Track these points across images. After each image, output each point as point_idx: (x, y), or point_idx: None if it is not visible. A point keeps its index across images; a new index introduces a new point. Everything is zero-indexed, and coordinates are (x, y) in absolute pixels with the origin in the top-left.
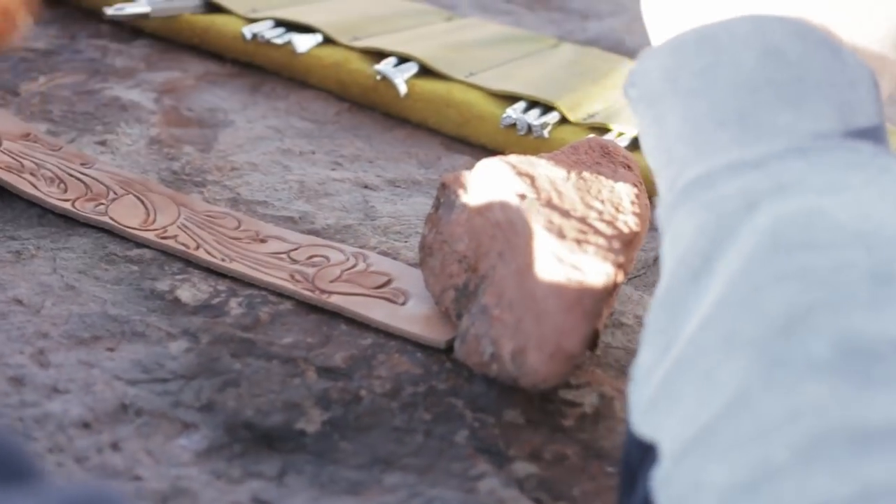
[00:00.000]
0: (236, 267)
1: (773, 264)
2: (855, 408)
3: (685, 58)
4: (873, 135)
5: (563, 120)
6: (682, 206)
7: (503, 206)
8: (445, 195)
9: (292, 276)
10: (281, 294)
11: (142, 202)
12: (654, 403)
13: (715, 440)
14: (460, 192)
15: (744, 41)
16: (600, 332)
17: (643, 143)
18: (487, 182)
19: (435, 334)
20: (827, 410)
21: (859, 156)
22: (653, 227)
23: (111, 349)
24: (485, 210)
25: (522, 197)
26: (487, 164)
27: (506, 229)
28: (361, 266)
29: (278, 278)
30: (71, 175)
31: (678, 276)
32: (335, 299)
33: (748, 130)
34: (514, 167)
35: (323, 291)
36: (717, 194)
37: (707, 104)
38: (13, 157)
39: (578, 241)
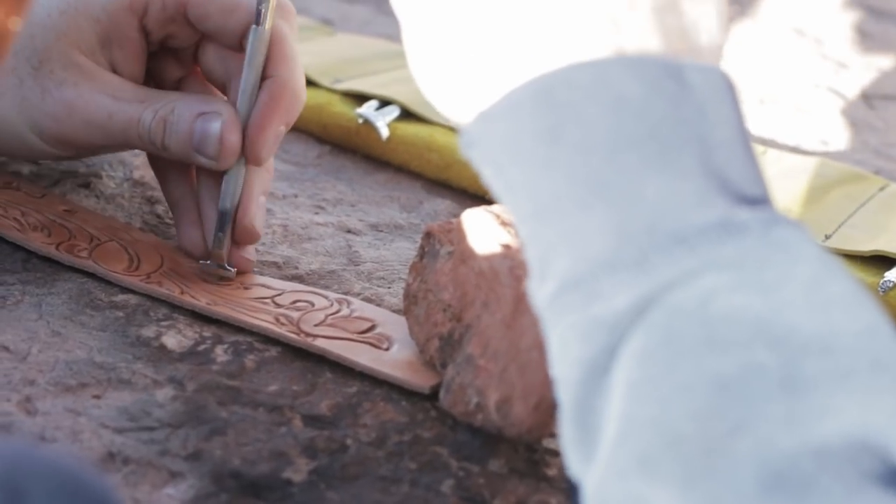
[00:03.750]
0: (222, 310)
1: (673, 373)
2: None
3: (523, 120)
4: (740, 176)
5: None
6: (562, 316)
7: (488, 256)
8: (430, 244)
9: (277, 320)
10: (266, 340)
11: (125, 249)
12: None
13: None
14: (445, 241)
15: (584, 94)
16: None
17: (501, 201)
18: (472, 231)
19: (419, 379)
20: None
21: (748, 238)
22: None
23: (98, 396)
24: (469, 259)
25: (507, 247)
26: (472, 214)
27: (490, 279)
28: (345, 311)
29: (263, 321)
30: (55, 222)
31: (577, 390)
32: (320, 342)
33: (618, 212)
34: (497, 217)
35: (308, 335)
36: (602, 308)
37: (561, 177)
38: None
39: None
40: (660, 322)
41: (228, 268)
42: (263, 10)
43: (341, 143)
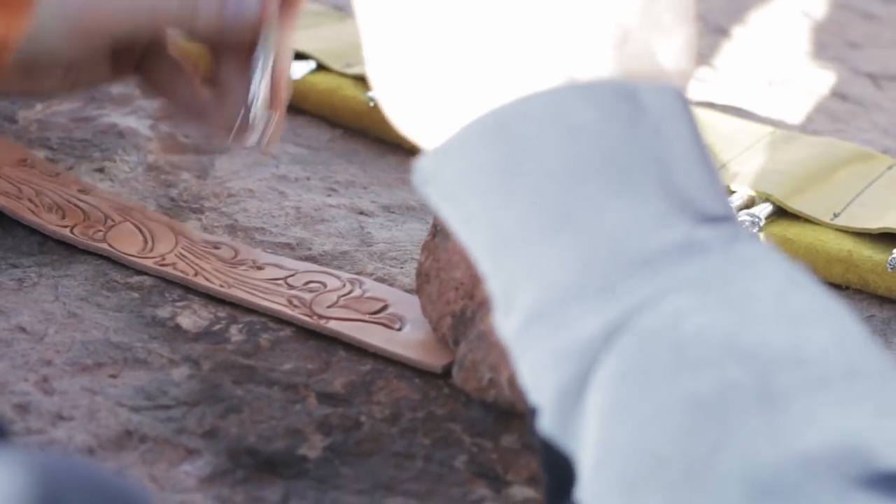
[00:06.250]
0: (235, 293)
1: (647, 396)
2: None
3: (476, 154)
4: (699, 191)
5: None
6: (531, 346)
7: None
8: (442, 223)
9: (290, 302)
10: (280, 321)
11: (139, 230)
12: None
13: None
14: None
15: (538, 125)
16: None
17: (459, 236)
18: None
19: (432, 359)
20: None
21: (711, 257)
22: None
23: (114, 376)
24: None
25: None
26: None
27: None
28: (358, 292)
29: (276, 304)
30: (69, 202)
31: (551, 416)
32: (333, 325)
33: (580, 237)
34: None
35: (321, 317)
36: (571, 335)
37: (521, 207)
38: (12, 184)
39: None
40: (630, 347)
41: (256, 141)
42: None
43: (353, 126)
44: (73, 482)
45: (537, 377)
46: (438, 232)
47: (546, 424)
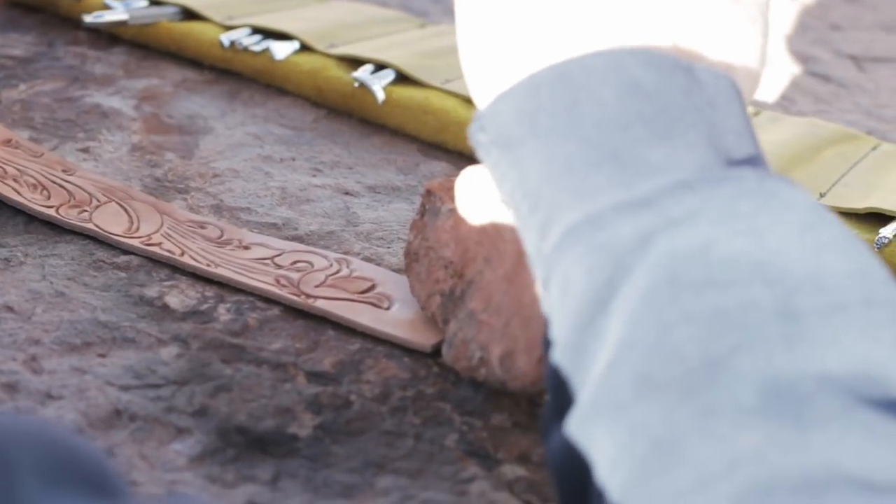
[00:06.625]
0: (222, 272)
1: (675, 304)
2: (793, 454)
3: (541, 98)
4: (747, 154)
5: None
6: (567, 251)
7: (489, 213)
8: (431, 202)
9: (277, 281)
10: (268, 300)
11: (125, 210)
12: (569, 453)
13: (653, 494)
14: (446, 198)
15: (600, 77)
16: None
17: (499, 189)
18: (473, 189)
19: (421, 338)
20: (764, 459)
21: (745, 184)
22: None
23: (103, 355)
24: (471, 216)
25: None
26: (472, 172)
27: (492, 235)
28: (345, 271)
29: (264, 283)
30: (53, 182)
31: (575, 319)
32: (321, 304)
33: (626, 169)
34: None
35: (308, 296)
36: (606, 235)
37: (575, 145)
38: None
39: None
40: (660, 262)
41: None
42: None
43: (337, 107)
44: (23, 439)
45: (566, 289)
46: (427, 211)
47: (564, 339)
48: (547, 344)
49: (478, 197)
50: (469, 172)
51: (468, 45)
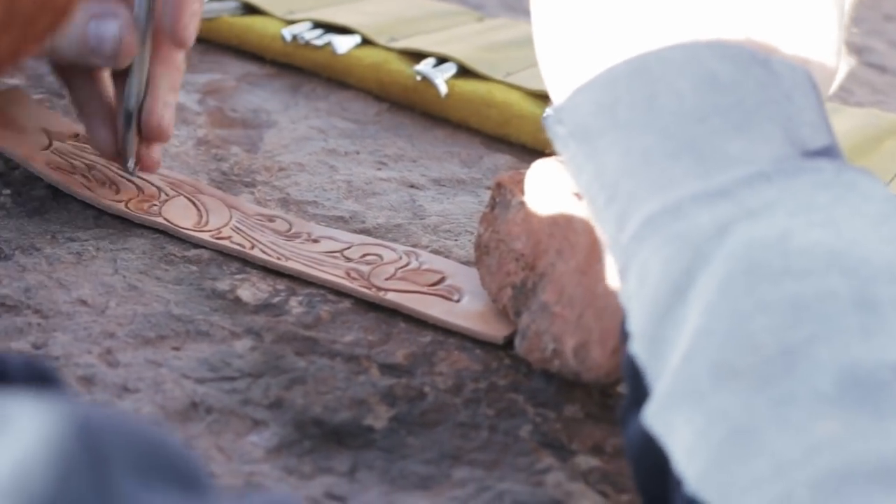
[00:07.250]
0: (293, 265)
1: (752, 293)
2: (872, 442)
3: (619, 91)
4: (823, 145)
5: None
6: (645, 241)
7: (561, 205)
8: (501, 194)
9: (348, 274)
10: (339, 293)
11: (193, 204)
12: (647, 441)
13: (731, 481)
14: (516, 191)
15: (677, 70)
16: None
17: (575, 181)
18: (543, 181)
19: (493, 330)
20: (842, 446)
21: (822, 175)
22: None
23: (177, 348)
24: (542, 209)
25: (579, 196)
26: (543, 165)
27: (564, 227)
28: (415, 264)
29: (335, 276)
30: (121, 176)
31: (652, 309)
32: (391, 296)
33: (704, 161)
34: None
35: (379, 289)
36: (684, 225)
37: (652, 137)
38: (63, 158)
39: None
40: (738, 251)
41: (130, 167)
42: None
43: (399, 101)
44: (116, 432)
45: (644, 279)
46: (497, 204)
47: (642, 329)
48: (623, 335)
49: (548, 189)
50: (539, 165)
51: (545, 40)
